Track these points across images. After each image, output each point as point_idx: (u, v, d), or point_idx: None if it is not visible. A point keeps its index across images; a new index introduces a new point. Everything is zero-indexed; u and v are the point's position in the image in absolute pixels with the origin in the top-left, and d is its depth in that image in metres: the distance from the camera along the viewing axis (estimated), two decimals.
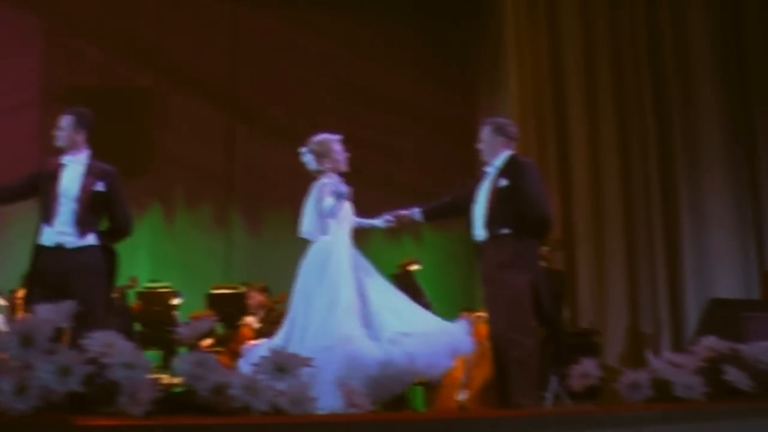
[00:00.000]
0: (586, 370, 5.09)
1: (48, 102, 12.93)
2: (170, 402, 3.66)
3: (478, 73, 14.00)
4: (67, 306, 3.63)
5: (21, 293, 10.51)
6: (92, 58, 13.42)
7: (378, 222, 7.46)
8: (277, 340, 6.71)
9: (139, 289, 10.98)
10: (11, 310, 10.47)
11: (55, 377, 3.42)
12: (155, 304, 10.80)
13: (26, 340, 3.47)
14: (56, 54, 13.37)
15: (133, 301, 10.86)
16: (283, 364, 3.90)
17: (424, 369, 6.58)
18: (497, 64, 13.11)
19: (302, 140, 7.21)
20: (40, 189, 7.07)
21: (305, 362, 3.98)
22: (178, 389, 3.79)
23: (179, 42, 13.61)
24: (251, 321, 10.57)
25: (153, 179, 13.16)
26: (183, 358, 3.78)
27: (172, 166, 13.40)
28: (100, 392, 3.49)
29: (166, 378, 4.34)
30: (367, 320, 6.61)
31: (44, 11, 13.41)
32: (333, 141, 7.16)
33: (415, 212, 7.53)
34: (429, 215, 7.63)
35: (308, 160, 7.15)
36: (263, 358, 3.96)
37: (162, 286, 11.15)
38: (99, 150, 7.23)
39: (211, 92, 13.69)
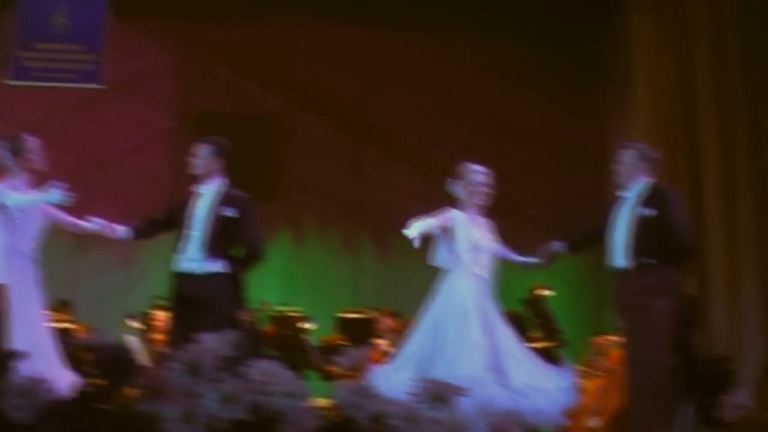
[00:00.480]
0: (738, 400, 5.01)
1: (182, 128, 13.26)
2: (330, 430, 3.70)
3: (606, 101, 13.81)
4: (231, 335, 3.69)
5: (155, 316, 10.71)
6: (224, 84, 13.66)
7: (528, 260, 7.41)
8: (398, 365, 6.74)
9: (270, 313, 11.07)
10: (146, 332, 10.64)
11: (220, 405, 3.48)
12: (286, 328, 10.87)
13: (193, 369, 3.53)
14: (190, 81, 13.64)
15: (265, 325, 10.95)
16: (439, 394, 3.92)
17: (546, 424, 6.54)
18: (626, 90, 12.93)
19: (430, 166, 7.22)
20: (177, 218, 7.22)
21: (461, 392, 3.99)
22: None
23: (310, 67, 13.73)
24: (381, 345, 10.59)
25: (283, 204, 13.29)
26: (343, 387, 3.81)
27: (302, 190, 13.51)
28: (263, 420, 3.54)
29: None
30: (495, 363, 6.60)
31: (179, 40, 13.70)
32: (475, 172, 7.12)
33: (560, 245, 7.47)
34: (574, 246, 7.56)
35: (451, 186, 7.16)
36: (420, 386, 3.97)
37: (293, 310, 11.23)
38: (230, 174, 7.37)
39: (341, 117, 13.77)
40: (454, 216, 7.03)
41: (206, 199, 7.18)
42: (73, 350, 6.54)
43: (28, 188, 7.01)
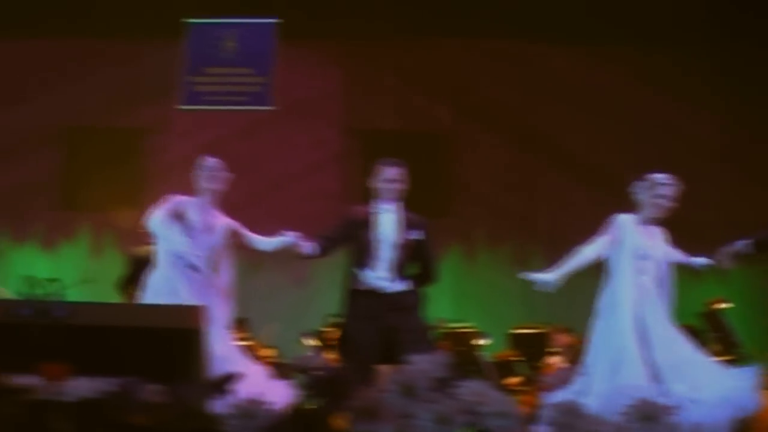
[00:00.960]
0: None
1: (352, 147, 13.48)
2: None
3: None
4: (442, 357, 3.71)
5: (330, 334, 10.84)
6: (394, 101, 13.78)
7: (702, 261, 7.21)
8: (576, 385, 6.68)
9: (444, 330, 11.09)
10: (321, 350, 10.76)
11: (434, 426, 3.50)
12: (461, 344, 10.87)
13: (407, 390, 3.56)
14: (359, 100, 13.79)
15: (439, 341, 10.97)
16: (650, 413, 3.87)
17: None
18: None
19: (602, 180, 7.11)
20: (353, 236, 7.28)
21: (671, 411, 3.94)
22: None
23: (479, 82, 13.74)
24: (556, 361, 10.52)
25: (454, 220, 13.29)
26: (552, 407, 3.80)
27: (472, 206, 13.50)
28: None
29: None
30: (655, 374, 6.48)
31: (348, 59, 13.88)
32: (662, 183, 7.00)
33: (744, 244, 7.18)
34: (760, 246, 7.27)
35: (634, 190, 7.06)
36: (630, 406, 3.93)
37: (467, 326, 11.25)
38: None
39: (511, 131, 13.69)
40: (621, 222, 6.95)
41: (388, 219, 7.25)
42: (287, 371, 6.66)
43: (211, 207, 7.25)
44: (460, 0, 13.17)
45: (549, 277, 7.06)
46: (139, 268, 8.53)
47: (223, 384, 3.89)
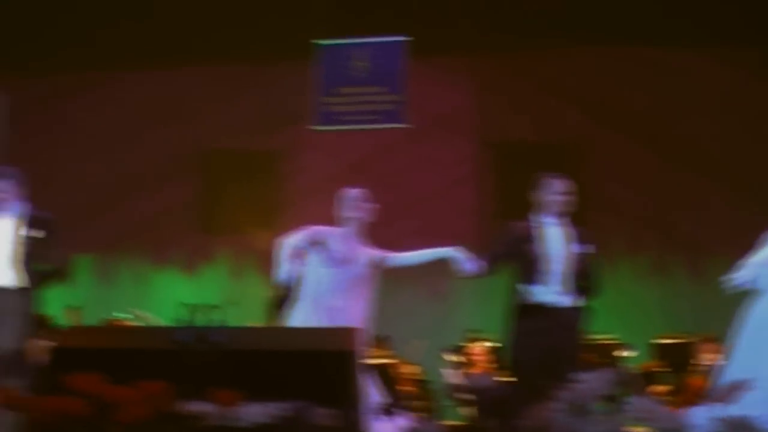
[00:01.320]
0: None
1: (488, 160, 13.59)
2: None
3: None
4: (609, 374, 3.70)
5: (471, 349, 10.87)
6: (527, 110, 13.69)
7: None
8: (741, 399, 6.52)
9: (589, 342, 11.01)
10: (465, 365, 10.78)
11: None
12: (604, 356, 10.77)
13: (577, 408, 3.56)
14: (491, 112, 13.74)
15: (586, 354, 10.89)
16: None
17: None
18: None
19: (743, 184, 6.91)
20: (517, 252, 7.24)
21: None
22: None
23: (614, 88, 13.56)
24: (704, 372, 10.36)
25: (592, 229, 13.11)
26: (721, 422, 3.76)
27: (610, 215, 13.27)
28: None
29: None
30: None
31: (479, 72, 13.85)
32: None
33: None
34: None
35: None
36: None
37: (609, 337, 11.15)
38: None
39: (646, 137, 13.46)
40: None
41: (557, 234, 7.22)
42: (453, 392, 6.69)
43: (355, 238, 7.26)
44: (591, 8, 13.00)
45: (746, 274, 6.73)
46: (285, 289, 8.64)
47: (389, 407, 3.93)
